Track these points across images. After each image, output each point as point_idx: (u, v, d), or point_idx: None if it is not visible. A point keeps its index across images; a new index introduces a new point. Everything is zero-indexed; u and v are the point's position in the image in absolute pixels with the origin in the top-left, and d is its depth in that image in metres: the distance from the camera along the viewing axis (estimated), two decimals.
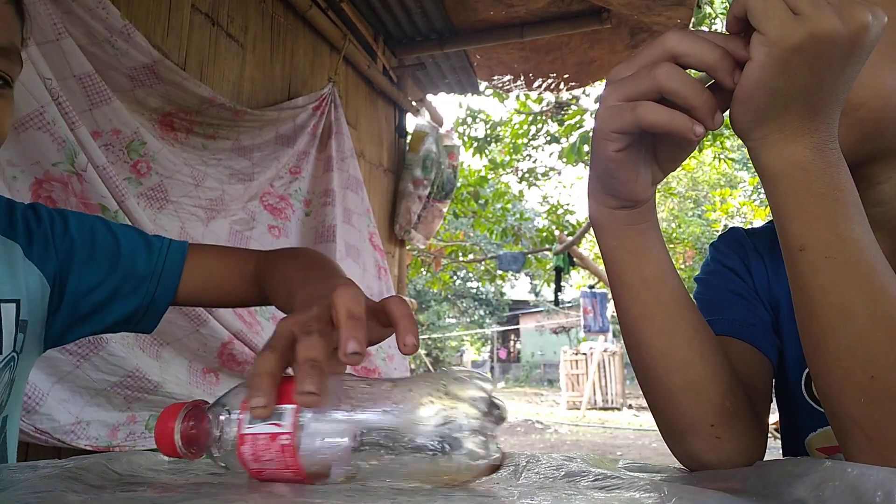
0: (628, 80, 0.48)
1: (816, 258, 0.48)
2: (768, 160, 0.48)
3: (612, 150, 0.51)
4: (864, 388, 0.47)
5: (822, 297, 0.48)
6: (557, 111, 8.12)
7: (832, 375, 0.48)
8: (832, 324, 0.48)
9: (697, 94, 0.46)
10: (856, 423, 0.48)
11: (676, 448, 0.61)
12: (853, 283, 0.47)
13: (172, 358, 1.78)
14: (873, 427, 0.47)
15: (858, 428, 0.48)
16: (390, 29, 3.32)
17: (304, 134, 2.45)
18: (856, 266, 0.47)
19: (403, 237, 3.66)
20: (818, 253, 0.47)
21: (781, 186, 0.48)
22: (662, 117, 0.47)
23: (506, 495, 0.43)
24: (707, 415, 0.57)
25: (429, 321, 22.10)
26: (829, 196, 0.47)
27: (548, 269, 10.87)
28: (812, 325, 0.49)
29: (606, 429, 10.00)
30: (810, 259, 0.48)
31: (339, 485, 0.48)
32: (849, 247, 0.47)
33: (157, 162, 1.76)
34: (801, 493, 0.41)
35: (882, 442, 0.47)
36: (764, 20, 0.44)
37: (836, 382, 0.48)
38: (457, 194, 7.78)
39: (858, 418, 0.47)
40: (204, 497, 0.42)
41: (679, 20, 3.06)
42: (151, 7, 1.81)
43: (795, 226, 0.48)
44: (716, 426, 0.57)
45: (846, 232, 0.47)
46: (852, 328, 0.47)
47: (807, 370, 0.67)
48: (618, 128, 0.49)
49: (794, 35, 0.43)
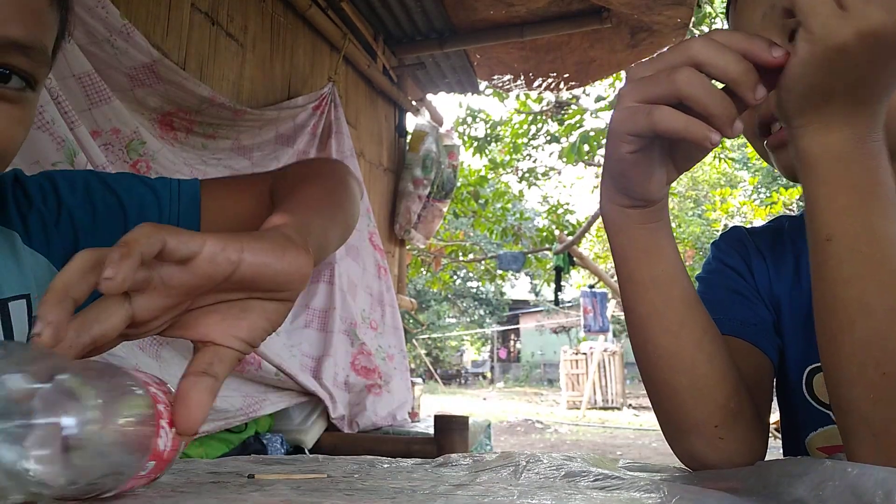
0: (647, 81, 0.48)
1: (842, 250, 0.47)
2: (807, 147, 0.48)
3: (626, 151, 0.50)
4: (875, 386, 0.46)
5: (842, 291, 0.47)
6: (557, 111, 8.12)
7: (844, 371, 0.48)
8: (851, 318, 0.47)
9: (717, 103, 0.45)
10: (864, 421, 0.47)
11: (678, 447, 0.61)
12: (876, 278, 0.46)
13: (172, 357, 1.78)
14: (880, 425, 0.47)
15: (866, 426, 0.47)
16: (390, 28, 3.32)
17: (304, 133, 2.45)
18: (882, 262, 0.46)
19: (403, 237, 3.66)
20: (844, 245, 0.47)
21: (816, 174, 0.47)
22: (678, 124, 0.46)
23: (506, 495, 0.43)
24: (711, 415, 0.57)
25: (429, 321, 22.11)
26: (863, 188, 0.46)
27: (548, 268, 10.88)
28: (830, 318, 0.49)
29: (606, 428, 10.00)
30: (836, 250, 0.47)
31: (339, 485, 0.48)
32: (877, 242, 0.46)
33: (157, 161, 1.76)
34: (801, 492, 0.41)
35: (888, 441, 0.47)
36: (810, 15, 0.43)
37: (848, 378, 0.48)
38: (457, 194, 7.78)
39: (867, 415, 0.47)
40: (204, 497, 0.42)
41: (679, 19, 3.06)
42: (151, 6, 1.81)
43: (825, 215, 0.47)
44: (719, 427, 0.57)
45: (877, 226, 0.46)
46: (870, 324, 0.46)
47: (808, 369, 0.67)
48: (632, 130, 0.48)
49: (839, 33, 0.42)
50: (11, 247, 0.67)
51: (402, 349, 3.08)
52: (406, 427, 2.82)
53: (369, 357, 2.69)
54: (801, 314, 0.69)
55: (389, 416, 2.80)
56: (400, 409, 2.90)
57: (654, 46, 3.46)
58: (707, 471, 0.57)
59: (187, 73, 1.84)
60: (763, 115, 0.63)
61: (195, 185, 0.74)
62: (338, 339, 2.52)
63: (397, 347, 3.03)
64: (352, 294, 2.71)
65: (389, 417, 2.80)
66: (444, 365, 24.31)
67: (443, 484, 0.48)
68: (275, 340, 2.16)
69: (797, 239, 0.73)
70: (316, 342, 2.48)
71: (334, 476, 0.53)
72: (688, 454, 0.60)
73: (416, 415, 3.09)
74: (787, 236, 0.75)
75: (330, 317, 2.52)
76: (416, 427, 2.84)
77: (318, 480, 0.51)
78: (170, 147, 1.84)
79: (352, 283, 2.73)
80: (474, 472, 0.55)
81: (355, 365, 2.63)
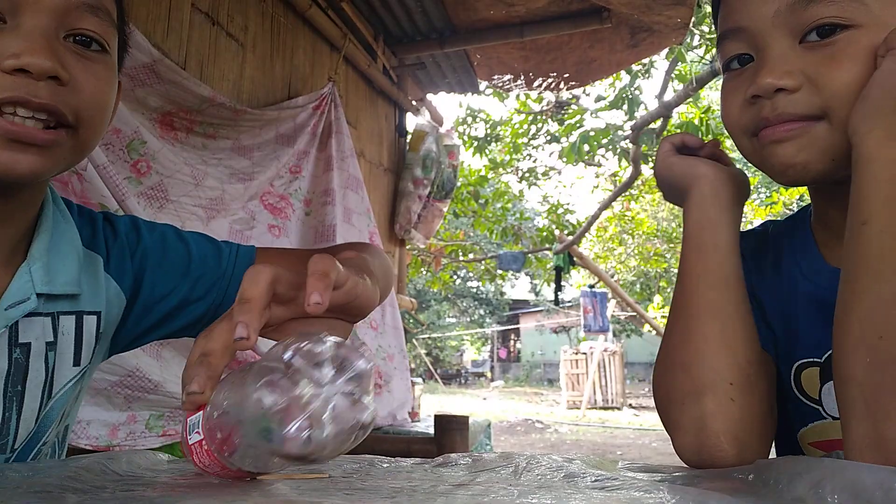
0: None
1: (873, 232, 0.52)
2: (869, 149, 0.54)
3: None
4: (872, 349, 0.49)
5: (863, 265, 0.52)
6: (557, 111, 8.11)
7: (849, 336, 0.52)
8: (863, 286, 0.52)
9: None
10: (859, 386, 0.50)
11: (686, 415, 0.61)
12: (893, 254, 0.51)
13: (172, 357, 1.78)
14: (871, 390, 0.49)
15: (860, 391, 0.50)
16: (390, 28, 3.32)
17: (304, 133, 2.45)
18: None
19: (403, 237, 3.66)
20: (876, 228, 0.52)
21: (869, 170, 0.54)
22: None
23: (505, 495, 0.43)
24: (730, 369, 0.61)
25: (429, 321, 22.11)
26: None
27: (548, 268, 10.87)
28: (846, 290, 0.53)
29: (606, 428, 10.00)
30: (868, 232, 0.53)
31: (339, 485, 0.49)
32: None
33: (158, 161, 1.76)
34: (800, 491, 0.41)
35: (877, 408, 0.48)
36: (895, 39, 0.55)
37: (851, 343, 0.51)
38: (457, 194, 7.78)
39: (862, 380, 0.50)
40: (204, 497, 0.42)
41: (679, 19, 3.06)
42: (151, 6, 1.81)
43: (866, 203, 0.53)
44: (734, 385, 0.60)
45: None
46: (877, 290, 0.51)
47: (795, 365, 0.68)
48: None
49: None
50: (95, 268, 0.74)
51: (402, 349, 3.08)
52: (406, 427, 2.82)
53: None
54: (786, 313, 0.70)
55: (389, 415, 2.80)
56: (400, 409, 2.91)
57: (654, 46, 3.46)
58: (707, 470, 0.57)
59: (187, 72, 1.84)
60: (764, 114, 0.63)
61: (252, 250, 0.85)
62: None
63: (397, 347, 3.03)
64: None
65: (389, 417, 2.80)
66: (444, 365, 24.32)
67: (443, 484, 0.49)
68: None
69: (781, 241, 0.75)
70: None
71: (334, 476, 0.53)
72: (695, 420, 0.60)
73: (416, 415, 3.09)
74: (771, 240, 0.76)
75: None
76: (416, 427, 2.84)
77: (319, 480, 0.51)
78: (170, 147, 1.84)
79: None
80: (474, 471, 0.55)
81: None
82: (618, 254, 13.48)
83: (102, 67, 0.64)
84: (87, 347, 0.72)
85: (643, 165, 6.78)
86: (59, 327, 0.69)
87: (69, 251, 0.70)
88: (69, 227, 0.72)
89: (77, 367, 0.71)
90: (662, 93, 6.01)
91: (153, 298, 0.78)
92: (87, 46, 0.62)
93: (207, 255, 0.82)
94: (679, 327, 0.65)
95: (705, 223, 0.67)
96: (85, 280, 0.72)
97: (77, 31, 0.61)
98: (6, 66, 0.56)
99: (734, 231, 0.67)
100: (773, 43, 0.62)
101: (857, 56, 0.58)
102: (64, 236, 0.71)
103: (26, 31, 0.58)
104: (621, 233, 12.60)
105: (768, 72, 0.61)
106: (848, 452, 0.50)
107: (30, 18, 0.58)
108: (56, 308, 0.68)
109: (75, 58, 0.61)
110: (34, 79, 0.57)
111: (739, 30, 0.65)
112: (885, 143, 0.54)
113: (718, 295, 0.64)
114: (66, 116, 0.60)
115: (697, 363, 0.62)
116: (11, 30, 0.58)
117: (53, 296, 0.67)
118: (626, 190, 8.21)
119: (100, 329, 0.73)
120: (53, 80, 0.58)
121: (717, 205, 0.67)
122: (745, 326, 0.63)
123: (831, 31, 0.59)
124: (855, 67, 0.58)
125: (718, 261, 0.65)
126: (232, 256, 0.83)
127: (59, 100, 0.59)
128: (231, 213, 2.09)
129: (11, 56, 0.56)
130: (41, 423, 0.68)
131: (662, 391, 0.65)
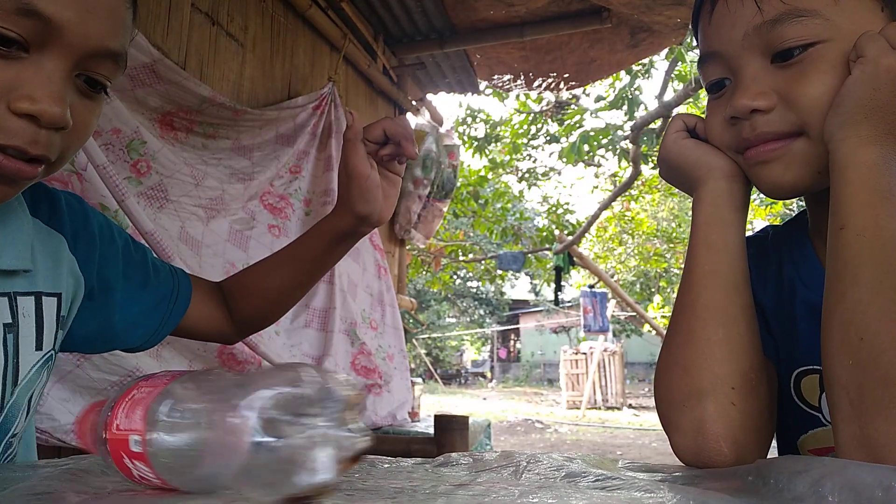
0: None
1: (850, 235, 0.54)
2: (843, 156, 0.57)
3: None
4: (853, 350, 0.51)
5: (842, 269, 0.54)
6: (557, 111, 8.11)
7: (832, 339, 0.53)
8: (843, 290, 0.53)
9: None
10: (843, 388, 0.51)
11: (686, 416, 0.61)
12: (870, 255, 0.53)
13: (172, 357, 1.78)
14: (856, 390, 0.50)
15: (845, 392, 0.51)
16: (390, 28, 3.32)
17: (304, 133, 2.45)
18: (881, 245, 0.53)
19: (403, 237, 3.66)
20: (853, 232, 0.54)
21: (846, 176, 0.56)
22: None
23: (506, 495, 0.43)
24: (732, 375, 0.60)
25: (429, 321, 22.10)
26: (881, 193, 0.54)
27: (548, 268, 10.87)
28: (829, 295, 0.55)
29: (606, 428, 10.01)
30: (846, 236, 0.55)
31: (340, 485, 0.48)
32: (881, 231, 0.53)
33: (157, 161, 1.76)
34: (800, 490, 0.41)
35: (863, 408, 0.49)
36: (867, 46, 0.56)
37: (834, 346, 0.53)
38: (457, 194, 7.77)
39: (846, 382, 0.51)
40: (203, 497, 0.42)
41: (679, 19, 3.06)
42: (151, 6, 1.81)
43: (845, 209, 0.56)
44: (736, 390, 0.60)
45: (884, 221, 0.53)
46: (857, 293, 0.52)
47: (795, 372, 0.68)
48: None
49: (886, 59, 0.55)
50: (55, 247, 0.72)
51: (402, 349, 3.08)
52: (406, 427, 2.82)
53: (369, 357, 2.69)
54: (786, 320, 0.70)
55: (389, 415, 2.80)
56: (400, 409, 2.90)
57: (654, 46, 3.46)
58: (706, 470, 0.57)
59: (187, 72, 1.84)
60: (745, 135, 0.64)
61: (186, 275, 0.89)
62: (338, 339, 2.52)
63: (397, 347, 3.03)
64: (352, 294, 2.71)
65: (389, 417, 2.80)
66: (444, 365, 24.31)
67: (443, 484, 0.49)
68: (275, 340, 2.17)
69: (781, 247, 0.75)
70: (316, 342, 2.48)
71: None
72: (696, 422, 0.60)
73: (416, 414, 3.09)
74: (771, 245, 0.76)
75: (330, 316, 2.52)
76: (416, 427, 2.84)
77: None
78: (170, 147, 1.84)
79: (352, 283, 2.73)
80: (475, 471, 0.55)
81: (355, 365, 2.63)
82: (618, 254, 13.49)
83: (98, 104, 0.63)
84: (48, 331, 0.69)
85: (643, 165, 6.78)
86: (19, 309, 0.65)
87: (17, 225, 0.67)
88: (15, 199, 0.68)
89: (40, 351, 0.68)
90: (662, 93, 6.01)
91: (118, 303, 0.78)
92: (94, 87, 0.60)
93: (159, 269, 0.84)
94: (684, 327, 0.65)
95: (717, 221, 0.66)
96: (41, 258, 0.69)
97: (91, 74, 0.59)
98: (19, 108, 0.54)
99: (743, 232, 0.67)
100: (745, 65, 0.64)
101: (827, 69, 0.59)
102: (9, 210, 0.67)
103: (47, 74, 0.55)
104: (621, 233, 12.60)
105: (742, 93, 0.63)
106: (838, 453, 0.51)
107: (54, 59, 0.56)
108: (12, 288, 0.65)
109: (79, 98, 0.59)
110: (40, 126, 0.55)
111: (714, 54, 0.67)
112: (859, 149, 0.56)
113: (726, 297, 0.64)
114: (51, 158, 0.59)
115: (700, 365, 0.62)
116: (33, 64, 0.55)
117: (5, 272, 0.64)
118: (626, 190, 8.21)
119: (60, 312, 0.71)
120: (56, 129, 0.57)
121: (730, 203, 0.67)
122: (750, 331, 0.63)
123: (802, 49, 0.60)
124: (826, 80, 0.59)
125: (728, 261, 0.65)
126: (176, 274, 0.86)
127: (53, 147, 0.58)
128: (231, 213, 2.09)
129: (27, 98, 0.54)
130: (8, 413, 0.65)
131: (663, 391, 0.65)
